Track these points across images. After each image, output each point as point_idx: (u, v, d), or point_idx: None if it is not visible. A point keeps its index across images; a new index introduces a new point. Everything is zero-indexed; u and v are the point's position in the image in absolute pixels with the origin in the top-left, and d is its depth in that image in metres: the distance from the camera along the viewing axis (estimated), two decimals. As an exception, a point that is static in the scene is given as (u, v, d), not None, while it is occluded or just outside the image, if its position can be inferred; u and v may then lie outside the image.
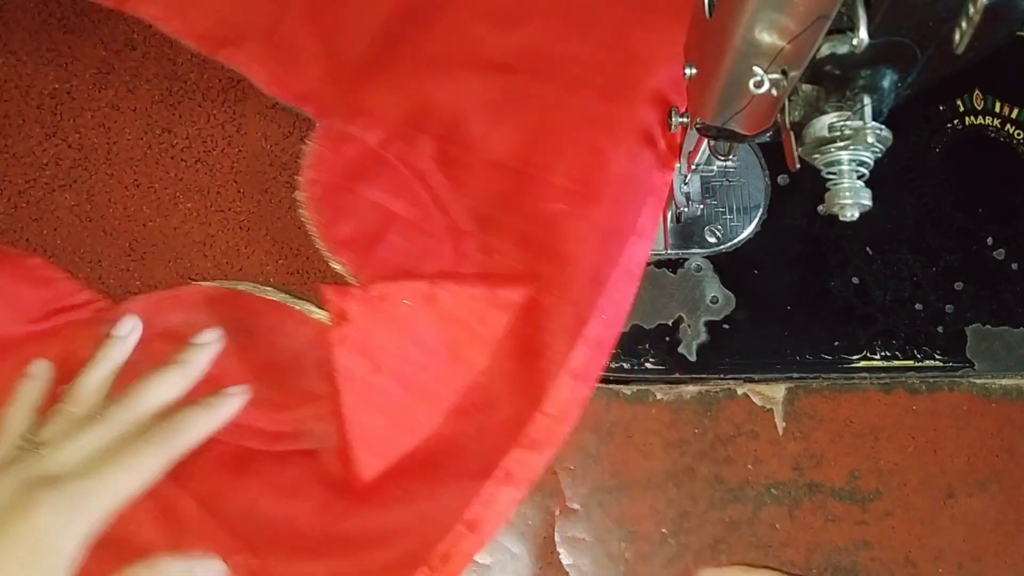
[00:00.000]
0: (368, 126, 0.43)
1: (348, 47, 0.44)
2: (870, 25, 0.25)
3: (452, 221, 0.42)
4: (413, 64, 0.43)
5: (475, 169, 0.42)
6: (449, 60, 0.43)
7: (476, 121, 0.42)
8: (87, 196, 0.46)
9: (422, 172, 0.42)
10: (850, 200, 0.30)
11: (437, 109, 0.43)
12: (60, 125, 0.47)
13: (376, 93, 0.43)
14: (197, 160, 0.47)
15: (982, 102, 0.48)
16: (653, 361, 0.43)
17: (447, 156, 0.42)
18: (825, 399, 0.45)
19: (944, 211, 0.47)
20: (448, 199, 0.42)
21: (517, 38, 0.43)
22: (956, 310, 0.45)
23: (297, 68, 0.44)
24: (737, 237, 0.45)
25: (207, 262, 0.46)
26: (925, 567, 0.43)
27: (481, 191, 0.42)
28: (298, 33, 0.44)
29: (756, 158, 0.46)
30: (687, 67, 0.35)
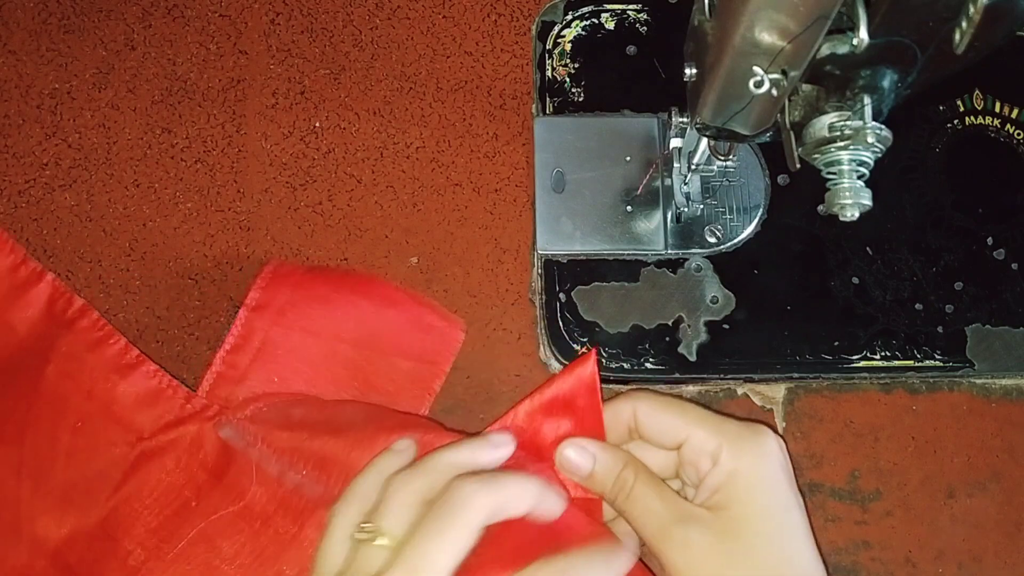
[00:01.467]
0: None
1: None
2: (870, 25, 0.25)
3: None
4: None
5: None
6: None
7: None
8: (87, 196, 0.46)
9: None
10: (850, 200, 0.30)
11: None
12: (60, 125, 0.47)
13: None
14: (197, 160, 0.47)
15: (982, 102, 0.48)
16: (653, 361, 0.43)
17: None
18: (825, 399, 0.45)
19: (944, 211, 0.47)
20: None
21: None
22: (956, 310, 0.45)
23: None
24: (737, 237, 0.45)
25: (207, 262, 0.46)
26: (925, 567, 0.43)
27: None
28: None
29: (756, 158, 0.46)
30: (687, 67, 0.35)
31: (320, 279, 0.44)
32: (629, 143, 0.46)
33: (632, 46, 0.48)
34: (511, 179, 0.47)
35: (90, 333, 0.43)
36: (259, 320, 0.43)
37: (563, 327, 0.44)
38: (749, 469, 0.33)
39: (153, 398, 0.42)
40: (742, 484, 0.33)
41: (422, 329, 0.44)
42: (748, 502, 0.33)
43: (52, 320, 0.43)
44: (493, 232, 0.47)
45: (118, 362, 0.43)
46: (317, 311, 0.43)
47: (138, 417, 0.42)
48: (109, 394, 0.42)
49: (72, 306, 0.44)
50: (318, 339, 0.42)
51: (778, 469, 0.34)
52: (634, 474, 0.34)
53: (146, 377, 0.43)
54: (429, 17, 0.50)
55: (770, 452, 0.34)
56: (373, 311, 0.43)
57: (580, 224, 0.45)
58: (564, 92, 0.47)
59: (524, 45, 0.49)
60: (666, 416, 0.35)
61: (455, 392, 0.44)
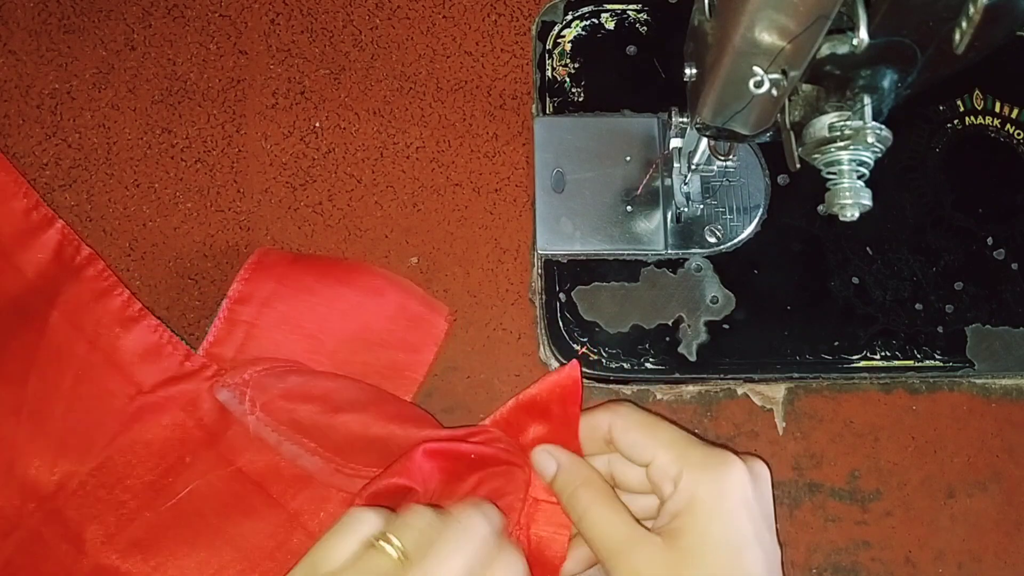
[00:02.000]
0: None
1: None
2: (870, 25, 0.25)
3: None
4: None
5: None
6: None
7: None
8: (87, 196, 0.46)
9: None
10: (850, 200, 0.30)
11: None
12: (60, 125, 0.47)
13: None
14: (197, 160, 0.47)
15: (982, 102, 0.48)
16: (653, 361, 0.43)
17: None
18: (825, 399, 0.45)
19: (944, 211, 0.47)
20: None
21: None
22: (956, 310, 0.45)
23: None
24: (737, 237, 0.45)
25: (207, 262, 0.46)
26: (925, 567, 0.43)
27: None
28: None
29: (756, 158, 0.46)
30: (687, 67, 0.35)
31: (305, 269, 0.44)
32: (629, 143, 0.46)
33: (632, 46, 0.48)
34: (511, 179, 0.47)
35: (96, 283, 0.43)
36: (242, 312, 0.43)
37: (563, 327, 0.44)
38: (707, 499, 0.32)
39: (154, 353, 0.43)
40: (698, 514, 0.32)
41: (407, 318, 0.44)
42: (702, 533, 0.32)
43: (60, 266, 0.44)
44: (493, 232, 0.47)
45: (122, 314, 0.43)
46: (301, 303, 0.43)
47: (139, 370, 0.42)
48: (112, 345, 0.42)
49: (80, 254, 0.44)
50: (302, 331, 0.43)
51: (738, 503, 0.32)
52: (591, 493, 0.34)
53: (148, 331, 0.43)
54: (429, 17, 0.50)
55: (732, 482, 0.33)
56: (358, 301, 0.43)
57: (580, 224, 0.45)
58: (564, 92, 0.47)
59: (524, 45, 0.49)
60: (636, 434, 0.35)
61: (455, 392, 0.44)
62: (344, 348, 0.43)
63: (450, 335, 0.45)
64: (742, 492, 0.32)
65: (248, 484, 0.41)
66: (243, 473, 0.41)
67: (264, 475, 0.41)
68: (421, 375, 0.44)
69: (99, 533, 0.40)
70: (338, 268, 0.44)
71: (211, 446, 0.41)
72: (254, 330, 0.43)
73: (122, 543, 0.40)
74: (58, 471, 0.40)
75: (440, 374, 0.44)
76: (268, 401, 0.40)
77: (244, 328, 0.43)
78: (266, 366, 0.41)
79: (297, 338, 0.43)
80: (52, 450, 0.41)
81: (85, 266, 0.44)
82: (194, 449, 0.41)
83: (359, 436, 0.38)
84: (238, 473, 0.41)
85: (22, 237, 0.44)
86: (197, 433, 0.41)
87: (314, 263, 0.45)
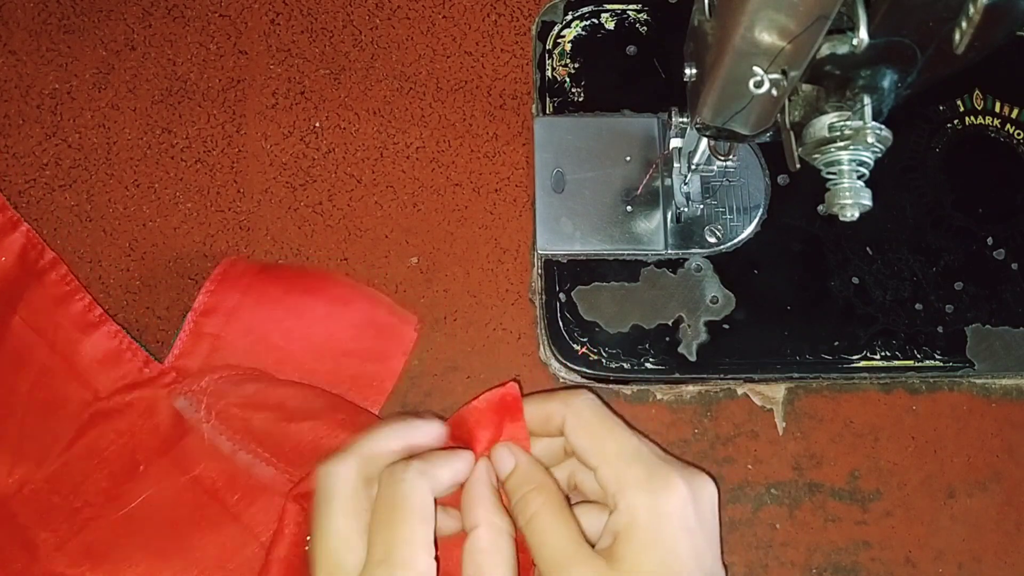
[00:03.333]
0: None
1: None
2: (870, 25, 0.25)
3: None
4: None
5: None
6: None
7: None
8: (87, 196, 0.46)
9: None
10: (850, 200, 0.30)
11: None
12: (60, 125, 0.47)
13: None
14: (197, 160, 0.47)
15: (982, 102, 0.48)
16: (653, 361, 0.43)
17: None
18: (825, 399, 0.45)
19: (944, 211, 0.47)
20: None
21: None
22: (956, 310, 0.45)
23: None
24: (737, 237, 0.45)
25: (207, 262, 0.46)
26: (925, 567, 0.43)
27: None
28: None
29: (756, 158, 0.46)
30: (687, 67, 0.35)
31: (272, 280, 0.44)
32: (629, 143, 0.46)
33: (632, 46, 0.48)
34: (511, 179, 0.47)
35: (58, 287, 0.43)
36: (208, 324, 0.43)
37: (563, 327, 0.44)
38: (646, 524, 0.31)
39: (113, 359, 0.43)
40: (636, 539, 0.31)
41: (374, 328, 0.44)
42: (639, 560, 0.30)
43: (23, 269, 0.43)
44: (493, 232, 0.47)
45: (82, 319, 0.43)
46: (267, 314, 0.43)
47: (97, 376, 0.42)
48: (71, 350, 0.42)
49: (43, 258, 0.44)
50: (268, 342, 0.43)
51: (678, 528, 0.31)
52: (542, 499, 0.33)
53: (108, 337, 0.43)
54: (429, 17, 0.50)
55: (673, 507, 0.31)
56: (325, 312, 0.43)
57: (580, 224, 0.45)
58: (564, 92, 0.47)
59: (524, 45, 0.49)
60: (585, 439, 0.33)
61: (455, 392, 0.44)
62: (311, 358, 0.43)
63: (450, 335, 0.45)
64: (682, 516, 0.31)
65: (203, 494, 0.40)
66: (198, 482, 0.40)
67: (219, 484, 0.40)
68: (390, 384, 0.44)
69: (51, 540, 0.39)
70: (305, 278, 0.44)
71: (166, 454, 0.41)
72: (219, 342, 0.42)
73: (73, 550, 0.39)
74: (15, 476, 0.40)
75: (440, 374, 0.44)
76: (223, 409, 0.40)
77: (209, 340, 0.43)
78: (224, 374, 0.41)
79: (263, 349, 0.42)
80: (9, 454, 0.40)
81: (48, 270, 0.44)
82: (149, 456, 0.41)
83: (311, 445, 0.38)
84: (193, 482, 0.40)
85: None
86: (153, 441, 0.41)
87: (281, 273, 0.44)
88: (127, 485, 0.40)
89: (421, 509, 0.31)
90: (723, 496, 0.43)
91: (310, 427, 0.39)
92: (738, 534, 0.43)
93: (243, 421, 0.40)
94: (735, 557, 0.43)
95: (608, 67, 0.48)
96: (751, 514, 0.43)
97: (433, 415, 0.36)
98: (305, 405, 0.40)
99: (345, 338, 0.43)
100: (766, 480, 0.44)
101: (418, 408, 0.44)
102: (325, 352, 0.43)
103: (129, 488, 0.40)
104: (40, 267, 0.44)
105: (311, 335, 0.43)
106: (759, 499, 0.43)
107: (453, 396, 0.44)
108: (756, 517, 0.43)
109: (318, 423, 0.39)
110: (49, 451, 0.41)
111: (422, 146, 0.48)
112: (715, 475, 0.43)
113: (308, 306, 0.43)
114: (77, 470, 0.40)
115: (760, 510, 0.43)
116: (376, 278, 0.46)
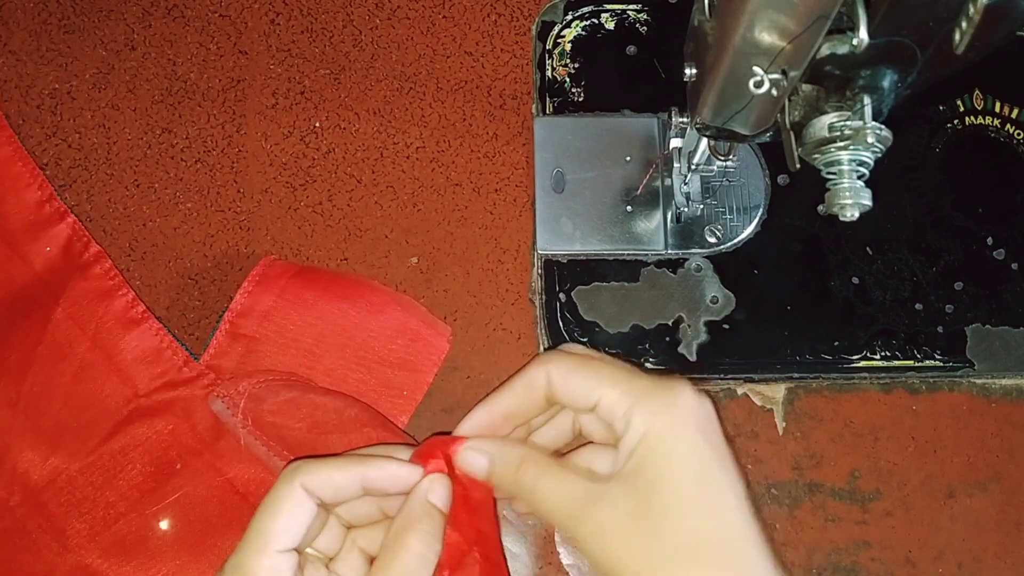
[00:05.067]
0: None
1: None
2: (870, 25, 0.25)
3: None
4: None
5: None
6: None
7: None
8: (87, 196, 0.46)
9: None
10: (850, 200, 0.30)
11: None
12: (60, 125, 0.47)
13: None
14: (197, 160, 0.47)
15: (982, 102, 0.48)
16: (653, 361, 0.43)
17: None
18: (825, 399, 0.45)
19: (944, 211, 0.47)
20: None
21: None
22: (956, 310, 0.45)
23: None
24: (737, 237, 0.45)
25: (207, 262, 0.46)
26: (925, 567, 0.43)
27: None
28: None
29: (756, 158, 0.46)
30: (687, 67, 0.35)
31: (308, 284, 0.44)
32: (629, 143, 0.46)
33: (632, 46, 0.48)
34: (511, 179, 0.47)
35: (102, 281, 0.43)
36: (243, 326, 0.43)
37: (563, 327, 0.44)
38: (663, 429, 0.30)
39: (154, 356, 0.43)
40: (655, 446, 0.30)
41: (407, 337, 0.43)
42: (662, 467, 0.29)
43: (67, 261, 0.44)
44: (493, 232, 0.47)
45: (124, 315, 0.43)
46: (301, 318, 0.43)
47: (137, 373, 0.42)
48: (112, 345, 0.42)
49: (88, 251, 0.44)
50: (299, 346, 0.43)
51: (694, 428, 0.30)
52: (535, 467, 0.32)
53: (149, 334, 0.43)
54: (429, 17, 0.50)
55: (685, 408, 0.30)
56: (359, 318, 0.43)
57: (580, 224, 0.45)
58: (564, 92, 0.47)
59: (524, 45, 0.49)
60: (577, 378, 0.32)
61: (455, 392, 0.44)
62: (342, 364, 0.43)
63: (450, 335, 0.45)
64: (698, 417, 0.30)
65: (235, 495, 0.41)
66: (231, 484, 0.41)
67: (252, 488, 0.41)
68: (419, 395, 0.44)
69: (83, 530, 0.40)
70: (340, 283, 0.44)
71: (202, 454, 0.41)
72: (254, 344, 0.43)
73: (105, 542, 0.40)
74: (49, 466, 0.40)
75: (440, 374, 0.44)
76: (259, 415, 0.40)
77: (245, 342, 0.43)
78: (261, 379, 0.41)
79: (295, 352, 0.42)
80: (45, 444, 0.41)
81: (92, 264, 0.44)
82: (185, 456, 0.41)
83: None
84: (227, 484, 0.41)
85: (33, 229, 0.44)
86: (189, 440, 0.41)
87: (317, 277, 0.44)
88: (162, 482, 0.40)
89: (286, 501, 0.31)
90: (723, 496, 0.43)
91: (340, 440, 0.39)
92: (738, 534, 0.43)
93: (277, 428, 0.40)
94: (735, 557, 0.43)
95: (608, 67, 0.48)
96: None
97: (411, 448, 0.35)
98: (337, 417, 0.40)
99: (377, 346, 0.43)
100: (766, 480, 0.44)
101: (418, 408, 0.44)
102: (357, 359, 0.43)
103: (164, 485, 0.40)
104: (85, 260, 0.44)
105: (344, 341, 0.43)
106: (759, 499, 0.43)
107: (453, 396, 0.44)
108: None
109: (348, 437, 0.39)
110: (85, 444, 0.41)
111: (422, 146, 0.48)
112: (715, 475, 0.43)
113: (343, 312, 0.43)
114: (113, 463, 0.41)
115: (760, 510, 0.43)
116: (376, 278, 0.46)
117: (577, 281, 0.44)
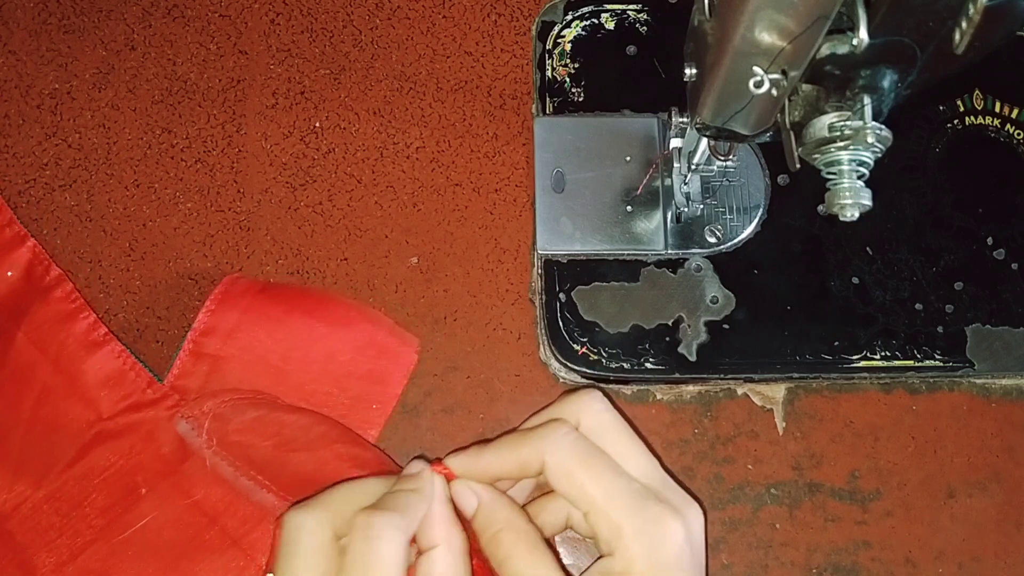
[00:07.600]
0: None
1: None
2: (870, 25, 0.25)
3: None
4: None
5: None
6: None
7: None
8: (87, 196, 0.46)
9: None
10: (850, 200, 0.30)
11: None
12: (60, 125, 0.47)
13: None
14: (197, 160, 0.47)
15: (982, 102, 0.48)
16: (653, 361, 0.43)
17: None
18: (825, 399, 0.45)
19: (944, 211, 0.47)
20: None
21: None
22: (956, 310, 0.45)
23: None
24: (737, 237, 0.45)
25: (207, 262, 0.46)
26: (925, 567, 0.43)
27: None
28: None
29: (756, 158, 0.46)
30: (687, 67, 0.35)
31: (273, 300, 0.43)
32: (629, 143, 0.46)
33: (632, 46, 0.48)
34: (511, 179, 0.47)
35: (63, 304, 0.43)
36: (207, 344, 0.42)
37: (563, 327, 0.44)
38: (644, 569, 0.30)
39: (117, 379, 0.42)
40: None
41: (375, 350, 0.43)
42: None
43: (29, 285, 0.43)
44: (493, 232, 0.47)
45: (86, 338, 0.43)
46: (268, 334, 0.42)
47: (100, 396, 0.42)
48: (75, 369, 0.42)
49: (49, 274, 0.43)
50: (266, 364, 0.42)
51: (674, 566, 0.31)
52: (513, 538, 0.31)
53: (111, 357, 0.42)
54: (429, 17, 0.50)
55: (671, 546, 0.31)
56: (326, 333, 0.43)
57: (580, 224, 0.45)
58: (564, 92, 0.47)
59: (524, 45, 0.49)
60: (567, 487, 0.32)
61: (455, 392, 0.44)
62: (310, 380, 0.42)
63: (450, 335, 0.45)
64: (679, 559, 0.31)
65: (203, 518, 0.40)
66: (199, 506, 0.40)
67: (220, 509, 0.40)
68: (389, 407, 0.43)
69: (50, 561, 0.39)
70: (306, 299, 0.44)
71: (168, 477, 0.40)
72: (219, 362, 0.42)
73: (72, 573, 0.39)
74: (13, 493, 0.40)
75: (440, 374, 0.44)
76: (225, 435, 0.39)
77: (209, 361, 0.42)
78: (227, 398, 0.41)
79: (262, 370, 0.42)
80: (8, 472, 0.40)
81: (53, 287, 0.43)
82: (150, 479, 0.40)
83: (309, 475, 0.38)
84: (194, 506, 0.40)
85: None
86: (155, 463, 0.41)
87: (282, 293, 0.44)
88: (128, 507, 0.40)
89: (396, 564, 0.29)
90: (723, 496, 0.43)
91: (308, 458, 0.39)
92: (738, 534, 0.43)
93: (244, 447, 0.39)
94: (735, 557, 0.43)
95: (608, 67, 0.48)
96: (751, 514, 0.43)
97: (426, 462, 0.34)
98: (305, 434, 0.40)
99: (345, 360, 0.43)
100: (766, 480, 0.44)
101: (418, 408, 0.44)
102: (325, 374, 0.43)
103: (130, 510, 0.40)
104: (46, 284, 0.43)
105: (311, 356, 0.43)
106: (759, 499, 0.43)
107: (453, 396, 0.44)
108: (756, 517, 0.43)
109: (317, 454, 0.39)
110: (50, 470, 0.40)
111: (422, 146, 0.48)
112: (715, 475, 0.43)
113: (309, 327, 0.43)
114: (78, 490, 0.40)
115: (760, 510, 0.43)
116: (376, 278, 0.46)
117: (577, 281, 0.44)
